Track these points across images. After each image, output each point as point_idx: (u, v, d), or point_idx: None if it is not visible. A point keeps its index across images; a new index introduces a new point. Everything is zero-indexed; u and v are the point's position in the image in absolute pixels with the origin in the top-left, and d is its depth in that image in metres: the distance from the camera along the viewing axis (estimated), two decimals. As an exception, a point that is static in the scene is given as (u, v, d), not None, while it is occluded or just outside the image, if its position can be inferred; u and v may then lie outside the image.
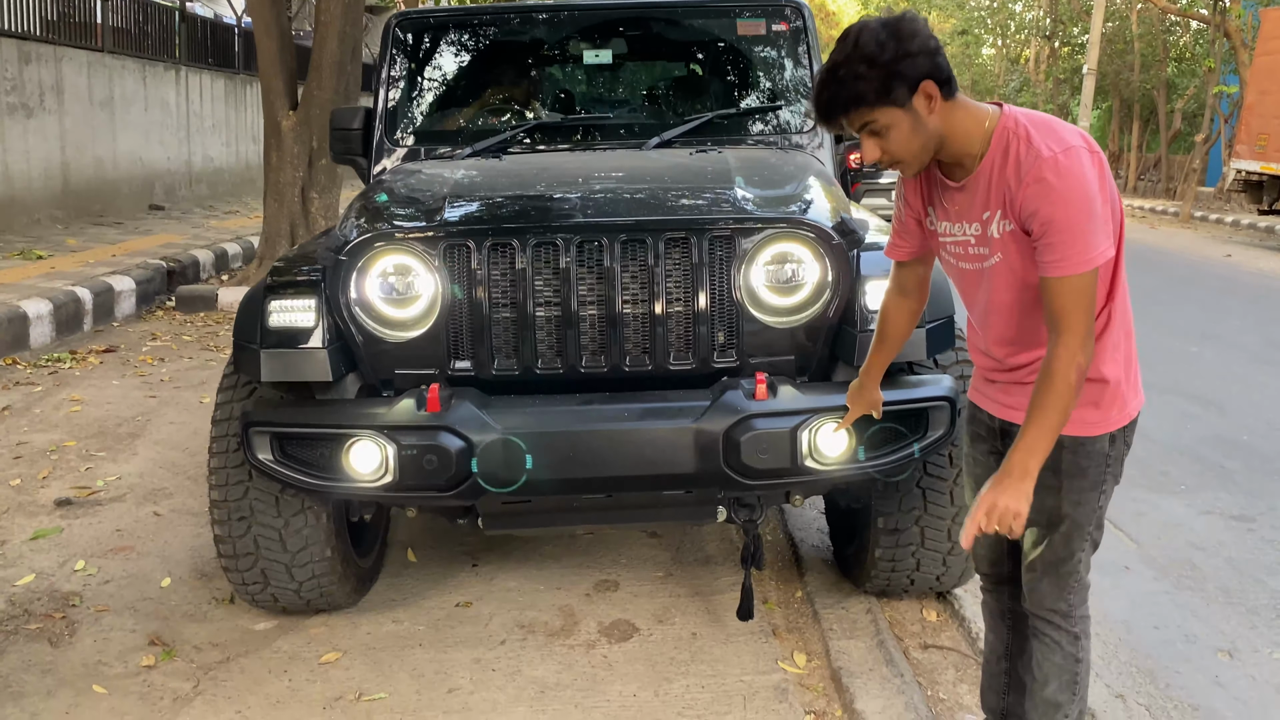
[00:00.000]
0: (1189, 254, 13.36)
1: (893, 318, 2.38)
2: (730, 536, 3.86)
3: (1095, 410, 2.04)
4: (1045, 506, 2.09)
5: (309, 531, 2.99)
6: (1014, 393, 2.13)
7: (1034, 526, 2.13)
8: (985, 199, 1.96)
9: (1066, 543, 2.11)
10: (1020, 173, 1.88)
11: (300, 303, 2.82)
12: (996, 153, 1.93)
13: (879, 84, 1.84)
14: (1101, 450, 2.06)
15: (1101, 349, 2.02)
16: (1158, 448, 4.98)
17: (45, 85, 10.32)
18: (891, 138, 1.91)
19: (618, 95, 4.58)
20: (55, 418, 5.28)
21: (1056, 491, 2.08)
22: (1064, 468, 2.06)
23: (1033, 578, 2.17)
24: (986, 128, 1.94)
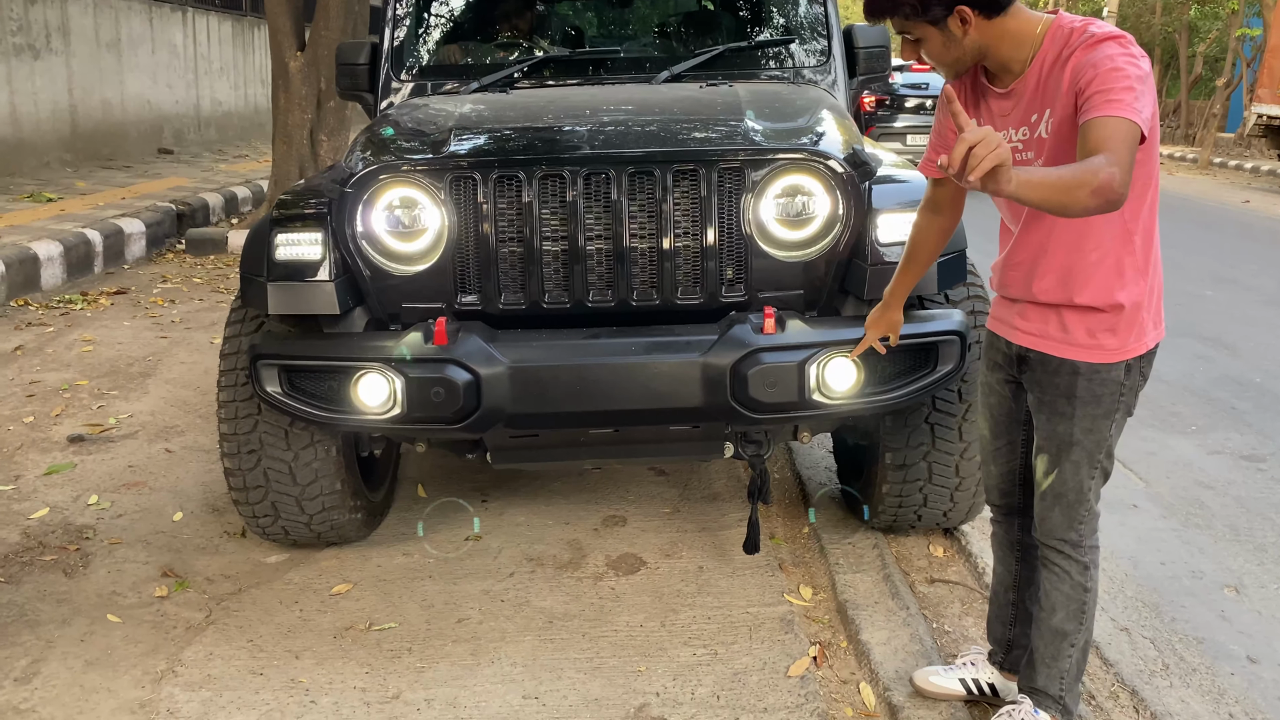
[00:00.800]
0: (1207, 199, 13.20)
1: (924, 236, 2.37)
2: (738, 474, 3.87)
3: (1113, 336, 2.03)
4: (1057, 433, 2.09)
5: (318, 465, 3.01)
6: (1031, 315, 2.11)
7: (1044, 454, 2.13)
8: (1036, 99, 1.97)
9: (1076, 470, 2.11)
10: (1076, 54, 1.88)
11: (307, 236, 2.80)
12: (1049, 51, 1.94)
13: (913, 4, 1.92)
14: (1116, 378, 2.05)
15: (1124, 272, 2.00)
16: (1169, 388, 4.96)
17: (51, 26, 10.23)
18: (926, 49, 2.01)
19: (627, 30, 4.50)
20: (67, 357, 5.30)
21: (1069, 418, 2.07)
22: (1078, 393, 2.05)
23: (1044, 506, 2.17)
24: (1038, 33, 1.96)
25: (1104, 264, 2.00)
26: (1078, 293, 2.03)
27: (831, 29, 3.94)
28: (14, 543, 3.30)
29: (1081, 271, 2.01)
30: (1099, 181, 1.70)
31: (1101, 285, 2.01)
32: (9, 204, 8.13)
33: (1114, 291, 2.00)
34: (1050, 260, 2.05)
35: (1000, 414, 2.28)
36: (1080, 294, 2.02)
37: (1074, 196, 1.71)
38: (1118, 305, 2.01)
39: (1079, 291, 2.03)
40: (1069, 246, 2.01)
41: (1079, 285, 2.02)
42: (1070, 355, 2.05)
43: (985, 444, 2.36)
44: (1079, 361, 2.04)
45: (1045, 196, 1.71)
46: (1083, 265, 2.01)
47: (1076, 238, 2.00)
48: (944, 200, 2.33)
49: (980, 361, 2.36)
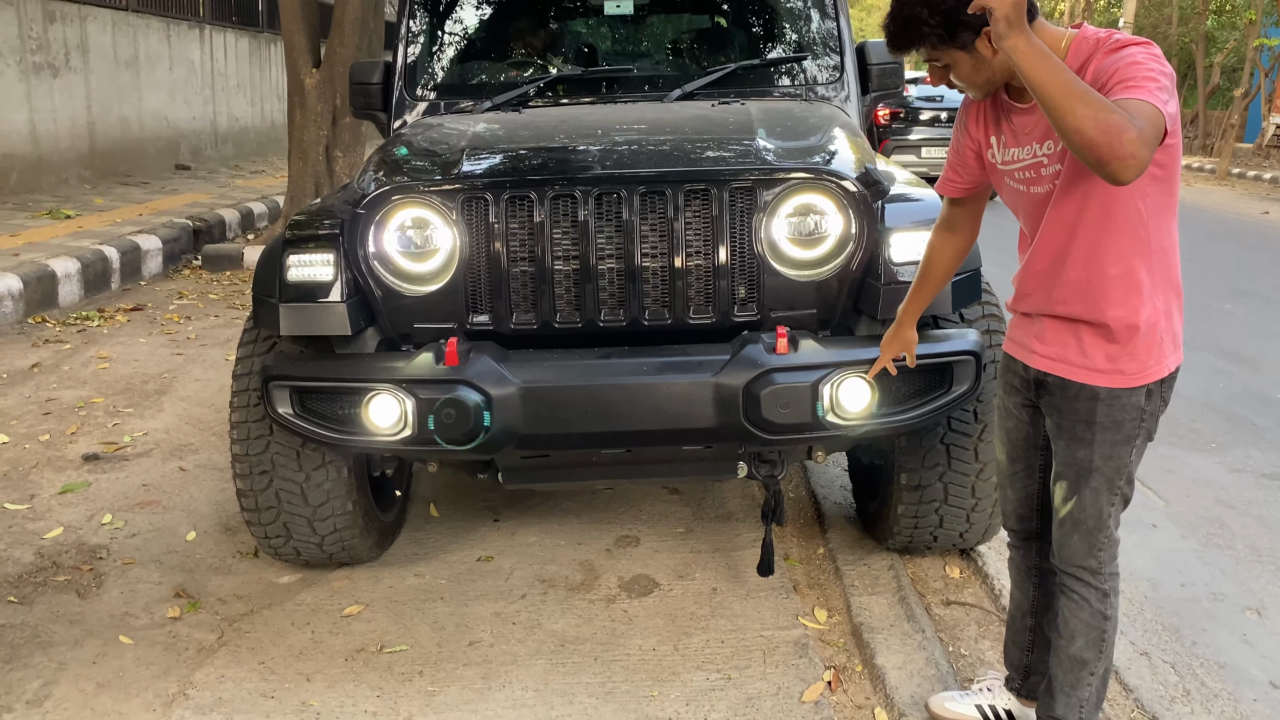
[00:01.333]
0: (1225, 210, 13.11)
1: (938, 255, 2.36)
2: (752, 493, 3.85)
3: (1132, 361, 2.00)
4: (1076, 459, 2.07)
5: (330, 485, 3.00)
6: (1049, 338, 2.07)
7: (1063, 480, 2.10)
8: None
9: (1095, 497, 2.08)
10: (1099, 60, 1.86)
11: (319, 256, 2.80)
12: (1073, 62, 1.91)
13: (940, 30, 1.90)
14: (1137, 404, 2.02)
15: (1142, 289, 1.97)
16: (1188, 404, 4.91)
17: (70, 44, 10.33)
18: (956, 73, 1.99)
19: (640, 48, 4.51)
20: (84, 374, 5.33)
21: (1088, 444, 2.04)
22: (1098, 419, 2.02)
23: (1062, 533, 2.14)
24: (1063, 47, 1.94)
25: (1124, 278, 1.97)
26: (1096, 306, 1.99)
27: (844, 45, 3.92)
28: (28, 563, 3.31)
29: (1101, 284, 1.98)
30: (1112, 119, 1.62)
31: (1120, 300, 1.98)
32: (28, 221, 8.20)
33: (1132, 308, 1.97)
34: (1070, 269, 2.01)
35: (1018, 438, 2.25)
36: (1099, 308, 1.99)
37: (1074, 106, 1.63)
38: (1134, 325, 1.98)
39: (1096, 306, 1.99)
40: (1087, 256, 1.98)
41: (1097, 298, 1.99)
42: (1090, 380, 2.02)
43: (1002, 469, 2.33)
44: (1099, 387, 2.01)
45: (1045, 80, 1.66)
46: (1102, 279, 1.98)
47: (1095, 247, 1.97)
48: (960, 219, 2.32)
49: (997, 384, 2.33)
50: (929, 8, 1.87)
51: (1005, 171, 2.10)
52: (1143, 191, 1.93)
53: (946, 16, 1.87)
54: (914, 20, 1.90)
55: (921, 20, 1.89)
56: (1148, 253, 1.98)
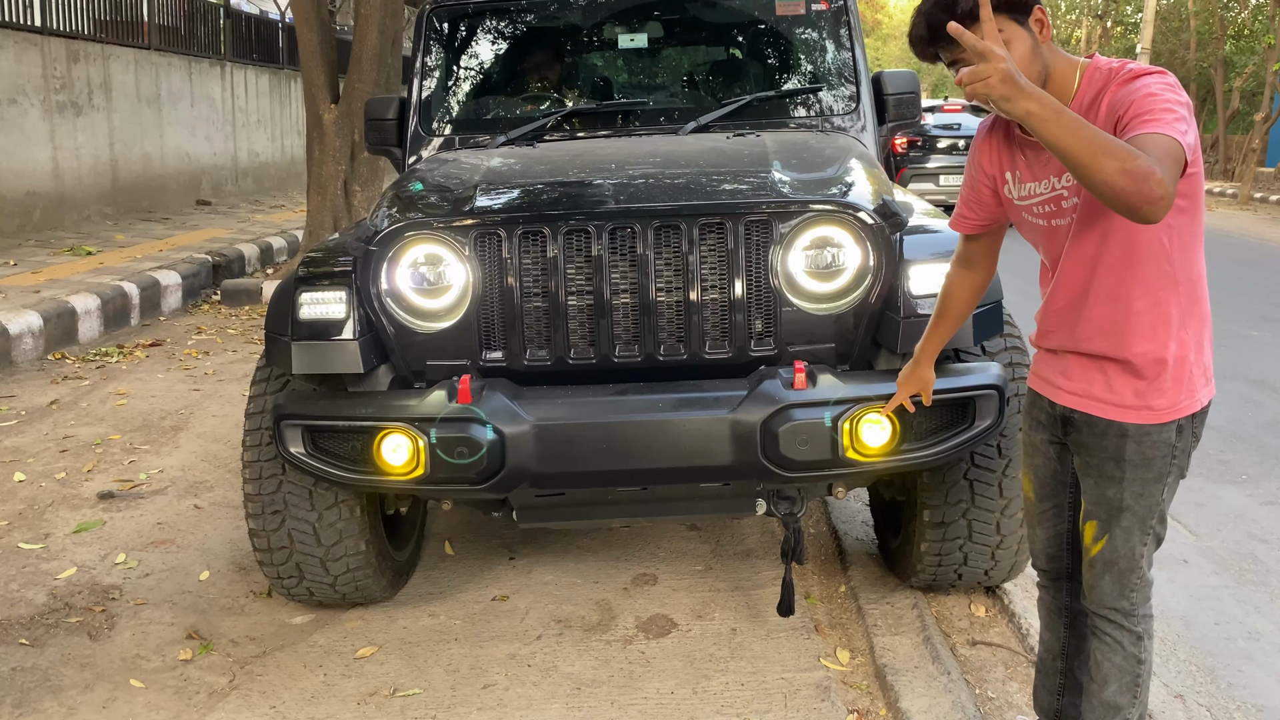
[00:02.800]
0: (1248, 235, 12.98)
1: (956, 292, 2.31)
2: (772, 529, 3.78)
3: (1162, 396, 1.93)
4: (1106, 497, 2.00)
5: (343, 525, 2.97)
6: (1074, 374, 2.02)
7: (1093, 519, 2.04)
8: None
9: (1127, 537, 2.01)
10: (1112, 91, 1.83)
11: (331, 294, 2.78)
12: (1086, 94, 1.89)
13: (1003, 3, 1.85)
14: (1168, 440, 1.95)
15: (1170, 323, 1.91)
16: (1218, 435, 4.81)
17: (94, 83, 10.47)
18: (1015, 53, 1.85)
19: (655, 80, 4.50)
20: (101, 411, 5.33)
21: (1119, 482, 1.98)
22: (1127, 457, 1.96)
23: (1093, 574, 2.07)
24: (1075, 77, 1.92)
25: (1150, 313, 1.91)
26: (1122, 343, 1.94)
27: (860, 75, 3.90)
28: (40, 604, 3.28)
29: (1126, 320, 1.93)
30: (1137, 165, 1.58)
31: (1146, 335, 1.92)
32: (50, 258, 8.27)
33: (1160, 343, 1.92)
34: (1093, 306, 1.96)
35: (1045, 476, 2.19)
36: (1124, 345, 1.94)
37: (1099, 162, 1.59)
38: (1163, 360, 1.92)
39: (1122, 342, 1.94)
40: (1111, 293, 1.93)
41: (1123, 334, 1.93)
42: (1118, 417, 1.96)
43: (1030, 507, 2.26)
44: (1127, 424, 1.95)
45: (1068, 142, 1.61)
46: (1127, 314, 1.93)
47: (1119, 283, 1.92)
48: (977, 255, 2.27)
49: (1023, 419, 2.26)
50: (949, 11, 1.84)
51: (1023, 206, 2.05)
52: (1166, 224, 1.87)
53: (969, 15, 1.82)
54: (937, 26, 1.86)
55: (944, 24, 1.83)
56: (1174, 285, 1.92)
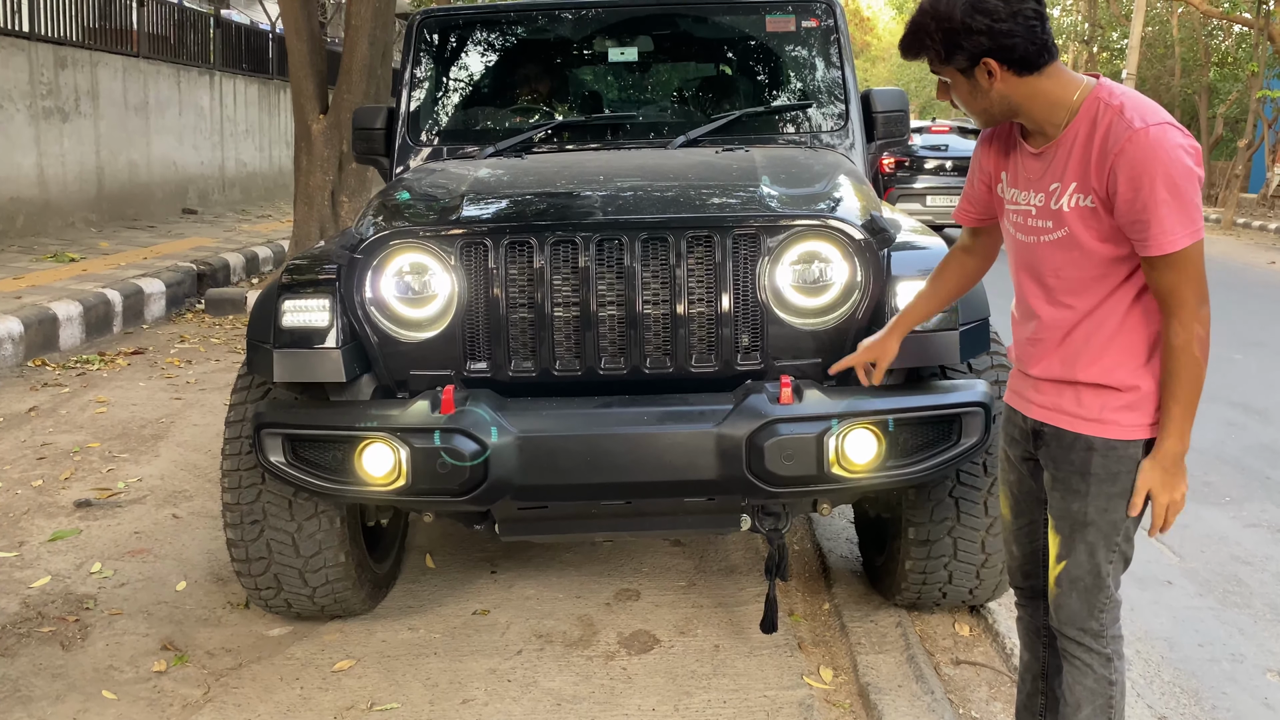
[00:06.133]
0: (1232, 260, 13.07)
1: (950, 271, 2.34)
2: (756, 545, 3.76)
3: (1129, 413, 1.93)
4: (1070, 511, 1.99)
5: (322, 536, 2.93)
6: (1045, 390, 2.02)
7: (1059, 534, 2.03)
8: (1061, 169, 1.89)
9: (1092, 554, 2.00)
10: (1110, 143, 1.81)
11: (314, 302, 2.75)
12: (1082, 123, 1.86)
13: (941, 48, 1.87)
14: (1134, 456, 1.94)
15: (1149, 353, 1.92)
16: (1200, 457, 4.82)
17: (81, 90, 10.42)
18: (955, 94, 1.96)
19: (644, 94, 4.50)
20: (81, 419, 5.27)
21: (1083, 496, 1.97)
22: (1093, 470, 1.95)
23: (1059, 593, 2.05)
24: (1075, 99, 1.88)
25: (1129, 348, 1.93)
26: (1096, 374, 1.94)
27: (849, 93, 3.90)
28: (13, 613, 3.23)
29: (1102, 356, 1.93)
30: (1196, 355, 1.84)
31: (1119, 363, 1.93)
32: (32, 264, 8.21)
33: (1133, 373, 1.92)
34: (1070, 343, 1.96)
35: (1020, 493, 2.18)
36: (1097, 375, 1.94)
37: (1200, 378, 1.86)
38: (1134, 385, 1.93)
39: (1096, 366, 1.94)
40: (1094, 328, 1.94)
41: (1101, 368, 1.94)
42: (1084, 430, 1.95)
43: (1006, 524, 2.25)
44: (1094, 437, 1.94)
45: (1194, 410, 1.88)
46: (1103, 349, 1.94)
47: (1099, 325, 1.93)
48: (976, 245, 2.28)
49: (999, 435, 2.26)
50: (936, 21, 1.85)
51: (1007, 212, 2.06)
52: None
53: (947, 36, 1.84)
54: (921, 30, 1.88)
55: (927, 32, 1.87)
56: (1152, 315, 1.92)
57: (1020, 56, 1.83)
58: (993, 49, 1.82)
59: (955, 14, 1.81)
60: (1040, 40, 1.83)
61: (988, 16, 1.79)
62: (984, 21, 1.80)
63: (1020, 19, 1.80)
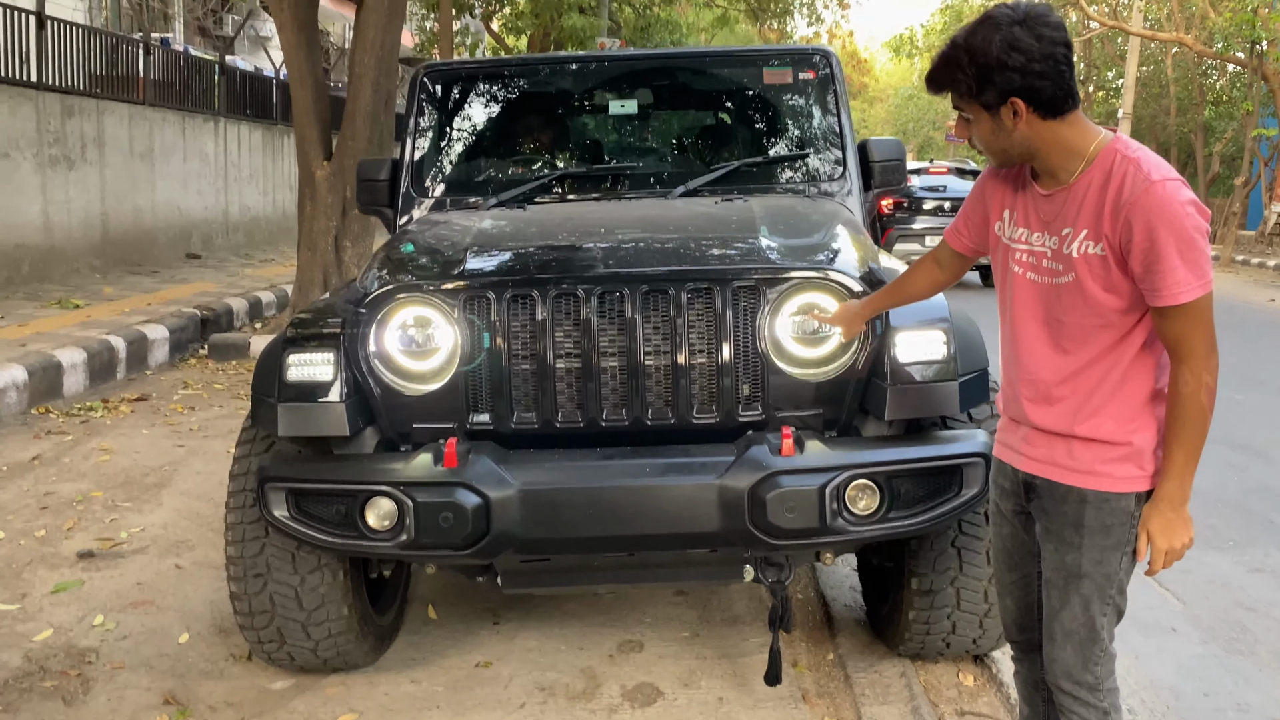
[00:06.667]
0: (1231, 298, 13.11)
1: (918, 277, 2.44)
2: (760, 594, 3.75)
3: (1123, 465, 1.95)
4: (1065, 563, 2.01)
5: (325, 589, 2.93)
6: (1037, 441, 2.04)
7: (1053, 587, 2.03)
8: (1073, 216, 1.93)
9: (1086, 606, 2.00)
10: (1125, 194, 1.84)
11: (319, 356, 2.78)
12: (1097, 173, 1.90)
13: (971, 82, 1.89)
14: (1127, 509, 1.96)
15: (1147, 406, 1.94)
16: (1202, 500, 4.81)
17: (87, 137, 10.53)
18: (975, 130, 1.98)
19: (645, 143, 4.56)
20: (84, 467, 5.28)
21: (1077, 548, 1.99)
22: (1087, 522, 1.97)
23: (1053, 646, 2.06)
24: (1092, 150, 1.92)
25: (1127, 399, 1.95)
26: (1091, 427, 1.96)
27: (846, 141, 3.95)
28: (15, 667, 3.22)
29: (1100, 407, 1.95)
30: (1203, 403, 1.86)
31: (1114, 415, 1.95)
32: (37, 311, 8.25)
33: (1131, 427, 1.94)
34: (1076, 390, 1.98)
35: (1013, 546, 2.19)
36: (1092, 428, 1.96)
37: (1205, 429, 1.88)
38: (1128, 441, 1.94)
39: (1094, 427, 1.96)
40: (1096, 381, 1.96)
41: (1097, 420, 1.96)
42: (1078, 483, 1.97)
43: (1000, 578, 2.26)
44: (1087, 490, 1.96)
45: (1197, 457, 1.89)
46: (1102, 401, 1.95)
47: (1104, 376, 1.95)
48: (950, 265, 2.37)
49: (990, 489, 2.27)
50: (969, 55, 1.87)
51: (1009, 248, 2.07)
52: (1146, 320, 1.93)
53: (981, 70, 1.85)
54: (953, 63, 1.90)
55: (959, 65, 1.89)
56: (1157, 372, 1.95)
57: (1047, 99, 1.86)
58: (1022, 88, 1.85)
59: (991, 49, 1.84)
60: (1067, 86, 1.87)
61: (1023, 55, 1.83)
62: (1019, 59, 1.83)
63: (1051, 61, 1.84)
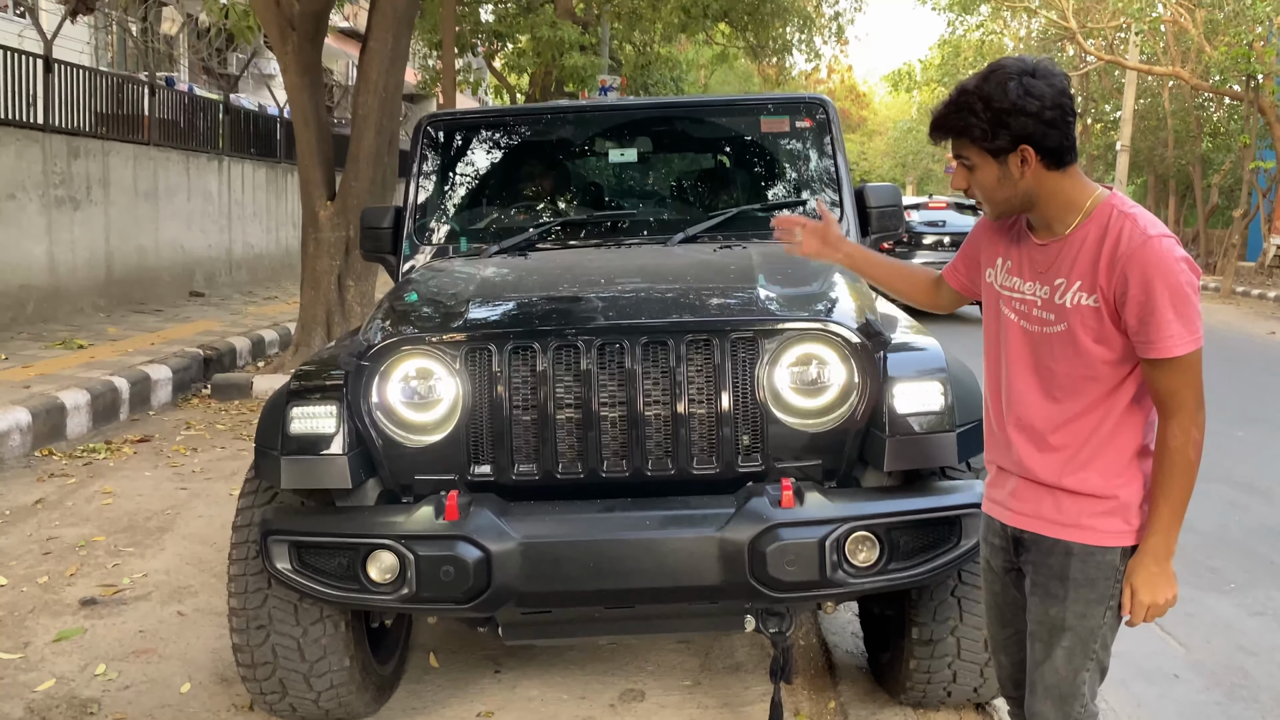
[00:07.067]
0: (1231, 331, 13.14)
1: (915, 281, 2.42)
2: (762, 641, 3.75)
3: (1108, 519, 1.97)
4: (1048, 616, 2.01)
5: (327, 641, 2.94)
6: (1024, 497, 2.05)
7: (1037, 640, 2.04)
8: (1067, 267, 1.95)
9: (1069, 659, 2.00)
10: (1122, 248, 1.87)
11: (322, 409, 2.80)
12: (1093, 227, 1.92)
13: (985, 126, 1.89)
14: (1112, 563, 1.97)
15: (1136, 460, 1.96)
16: (1203, 540, 4.81)
17: (93, 178, 10.62)
18: (978, 179, 1.97)
19: (645, 190, 4.61)
20: (87, 511, 5.29)
21: (1061, 601, 1.99)
22: (1071, 575, 1.98)
23: (1034, 699, 2.06)
24: (1088, 205, 1.94)
25: (1115, 454, 1.96)
26: (1078, 480, 1.98)
27: (843, 188, 4.00)
28: (17, 719, 3.22)
29: (1086, 462, 1.97)
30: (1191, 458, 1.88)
31: (1101, 469, 1.96)
32: (41, 351, 8.29)
33: (1118, 481, 1.96)
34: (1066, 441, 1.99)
35: (1004, 603, 2.19)
36: (1079, 482, 1.97)
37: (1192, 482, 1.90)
38: (1115, 495, 1.96)
39: (1081, 480, 1.97)
40: (1086, 433, 1.97)
41: (1084, 474, 1.97)
42: (1063, 536, 1.99)
43: (993, 634, 2.26)
44: (1073, 543, 1.97)
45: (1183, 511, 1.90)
46: (1089, 455, 1.97)
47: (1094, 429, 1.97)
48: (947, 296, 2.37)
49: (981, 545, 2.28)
50: (984, 101, 1.88)
51: (1001, 295, 2.09)
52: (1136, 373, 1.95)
53: (996, 115, 1.87)
54: (965, 108, 1.90)
55: (972, 110, 1.89)
56: (1145, 428, 1.97)
57: (1054, 148, 1.89)
58: (1034, 135, 1.87)
59: (1008, 94, 1.85)
60: (1071, 138, 1.91)
61: (1038, 101, 1.85)
62: (1034, 104, 1.85)
63: (1060, 111, 1.88)
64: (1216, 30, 19.25)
